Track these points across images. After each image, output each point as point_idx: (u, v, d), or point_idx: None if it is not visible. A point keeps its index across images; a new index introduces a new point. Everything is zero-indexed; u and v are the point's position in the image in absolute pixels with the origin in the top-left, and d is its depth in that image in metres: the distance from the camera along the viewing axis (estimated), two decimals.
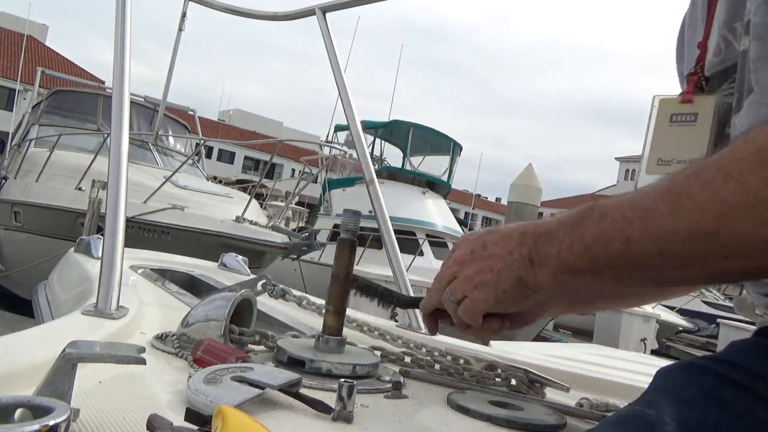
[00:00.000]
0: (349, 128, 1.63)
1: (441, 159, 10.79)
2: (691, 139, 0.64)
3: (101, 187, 4.31)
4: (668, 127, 0.67)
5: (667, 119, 0.67)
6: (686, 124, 0.65)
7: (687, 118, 0.65)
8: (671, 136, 0.67)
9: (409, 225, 8.40)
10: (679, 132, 0.66)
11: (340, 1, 1.53)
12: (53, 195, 5.23)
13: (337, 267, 0.74)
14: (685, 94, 0.65)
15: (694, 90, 0.65)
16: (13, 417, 0.35)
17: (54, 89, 7.56)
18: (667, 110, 0.67)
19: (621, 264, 0.50)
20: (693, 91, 0.65)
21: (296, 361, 0.70)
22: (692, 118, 0.64)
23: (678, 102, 0.66)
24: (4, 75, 25.52)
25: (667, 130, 0.67)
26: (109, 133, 0.96)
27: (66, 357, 0.45)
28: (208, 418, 0.47)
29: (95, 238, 1.50)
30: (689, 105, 0.65)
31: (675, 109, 0.66)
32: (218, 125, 35.45)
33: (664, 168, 0.66)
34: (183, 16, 6.07)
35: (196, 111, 8.89)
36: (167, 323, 0.85)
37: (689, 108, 0.65)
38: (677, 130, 0.66)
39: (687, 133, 0.65)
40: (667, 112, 0.67)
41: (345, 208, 0.77)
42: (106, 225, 0.83)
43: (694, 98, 0.64)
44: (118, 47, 0.99)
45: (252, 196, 5.37)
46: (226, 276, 1.61)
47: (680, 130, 0.65)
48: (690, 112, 0.65)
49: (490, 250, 0.61)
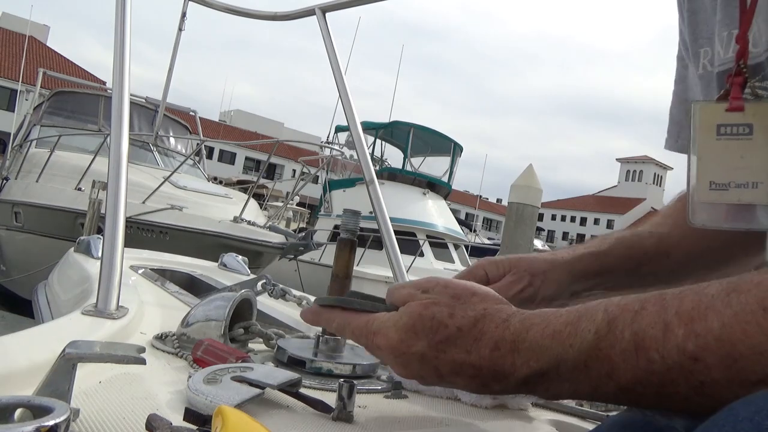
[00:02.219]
0: (349, 129, 1.63)
1: (441, 160, 10.79)
2: (750, 157, 0.52)
3: (101, 187, 4.32)
4: (716, 141, 0.54)
5: (713, 132, 0.54)
6: (740, 137, 0.53)
7: (740, 131, 0.53)
8: (722, 153, 0.54)
9: (410, 226, 8.40)
10: (732, 148, 0.53)
11: (340, 1, 1.53)
12: (53, 195, 5.24)
13: (337, 267, 0.74)
14: (733, 99, 0.53)
15: (741, 94, 0.53)
16: (13, 417, 0.35)
17: (55, 90, 7.57)
18: (712, 120, 0.54)
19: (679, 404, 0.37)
20: (740, 96, 0.53)
21: (296, 361, 0.70)
22: (746, 130, 0.52)
23: (724, 110, 0.54)
24: (5, 76, 25.55)
25: (716, 145, 0.54)
26: (108, 133, 0.96)
27: (66, 357, 0.45)
28: (208, 418, 0.47)
29: (95, 238, 1.50)
30: (740, 114, 0.53)
31: (722, 119, 0.54)
32: (219, 126, 35.49)
33: (720, 194, 0.54)
34: (183, 16, 6.08)
35: (197, 112, 8.90)
36: (167, 323, 0.85)
37: (740, 118, 0.53)
38: (729, 145, 0.53)
39: (743, 150, 0.52)
40: (711, 123, 0.54)
41: (345, 208, 0.77)
42: (106, 225, 0.83)
43: (745, 105, 0.53)
44: (117, 48, 0.99)
45: (250, 196, 5.37)
46: (226, 276, 1.61)
47: (733, 145, 0.53)
48: (742, 123, 0.53)
49: (447, 380, 0.47)
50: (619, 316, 0.39)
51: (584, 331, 0.40)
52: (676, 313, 0.36)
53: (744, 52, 0.53)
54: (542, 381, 0.43)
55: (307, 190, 12.48)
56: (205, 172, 7.44)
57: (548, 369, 0.42)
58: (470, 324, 0.46)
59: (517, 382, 0.44)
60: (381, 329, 0.50)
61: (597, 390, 0.40)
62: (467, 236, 13.52)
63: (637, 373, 0.37)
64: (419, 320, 0.48)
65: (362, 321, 0.52)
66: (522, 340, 0.43)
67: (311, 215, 14.04)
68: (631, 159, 61.86)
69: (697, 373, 0.35)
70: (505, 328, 0.45)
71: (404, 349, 0.48)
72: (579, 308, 0.43)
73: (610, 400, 0.42)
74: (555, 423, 0.68)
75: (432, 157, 10.78)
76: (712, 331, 0.34)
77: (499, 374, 0.44)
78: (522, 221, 6.58)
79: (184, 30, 6.12)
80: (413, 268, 6.10)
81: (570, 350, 0.41)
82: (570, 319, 0.42)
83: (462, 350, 0.45)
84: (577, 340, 0.41)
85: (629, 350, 0.38)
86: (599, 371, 0.39)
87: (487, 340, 0.45)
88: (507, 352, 0.44)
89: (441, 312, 0.48)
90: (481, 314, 0.47)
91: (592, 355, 0.39)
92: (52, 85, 11.37)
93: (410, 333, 0.48)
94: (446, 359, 0.46)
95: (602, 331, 0.39)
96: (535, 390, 0.44)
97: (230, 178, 20.28)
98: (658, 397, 0.38)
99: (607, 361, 0.39)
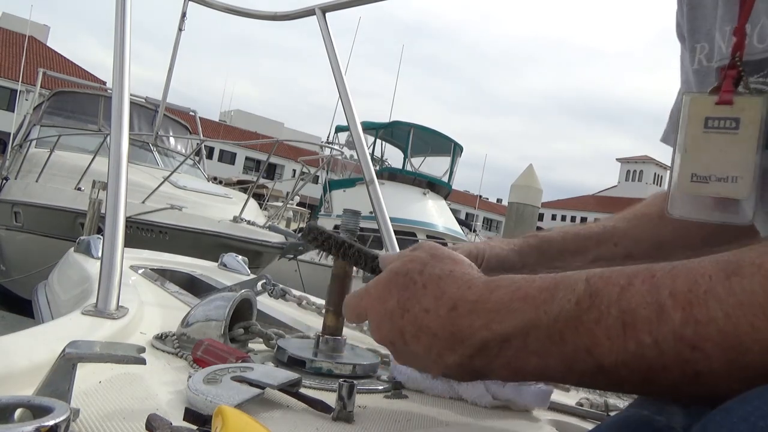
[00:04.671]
0: (349, 129, 1.63)
1: (441, 160, 10.80)
2: (733, 151, 0.51)
3: (101, 187, 4.32)
4: (703, 134, 0.54)
5: (701, 124, 0.54)
6: (726, 131, 0.52)
7: (726, 124, 0.52)
8: (708, 145, 0.53)
9: (410, 226, 8.40)
10: (718, 141, 0.52)
11: (340, 1, 1.53)
12: (53, 195, 5.24)
13: (337, 267, 0.74)
14: (723, 93, 0.52)
15: (733, 88, 0.52)
16: (13, 417, 0.35)
17: (55, 90, 7.58)
18: (701, 113, 0.54)
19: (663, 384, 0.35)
20: (732, 89, 0.52)
21: (296, 361, 0.70)
22: (733, 124, 0.52)
23: (714, 103, 0.53)
24: (5, 76, 25.55)
25: (702, 138, 0.54)
26: (108, 133, 0.96)
27: (66, 357, 0.45)
28: (208, 418, 0.47)
29: (95, 238, 1.50)
30: (728, 107, 0.52)
31: (710, 112, 0.53)
32: (219, 126, 35.49)
33: (700, 186, 0.53)
34: (183, 16, 6.08)
35: (197, 112, 8.90)
36: (167, 323, 0.85)
37: (728, 111, 0.52)
38: (715, 138, 0.53)
39: (727, 144, 0.52)
40: (700, 116, 0.54)
41: (345, 208, 0.77)
42: (106, 225, 0.83)
43: (735, 99, 0.52)
44: (117, 48, 0.99)
45: (249, 196, 5.37)
46: (226, 276, 1.61)
47: (719, 138, 0.53)
48: (730, 116, 0.52)
49: (410, 346, 0.45)
50: (603, 289, 0.36)
51: (562, 300, 0.37)
52: (671, 294, 0.34)
53: (740, 45, 0.52)
54: (503, 349, 0.39)
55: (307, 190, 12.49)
56: (205, 172, 7.44)
57: (513, 334, 0.39)
58: (434, 281, 0.44)
59: (473, 349, 0.40)
60: (366, 290, 0.50)
61: (571, 368, 0.37)
62: (467, 236, 13.51)
63: (624, 356, 0.35)
64: (395, 276, 0.47)
65: (356, 292, 0.53)
66: (485, 300, 0.41)
67: (311, 215, 14.04)
68: (631, 159, 61.86)
69: (694, 362, 0.33)
70: (467, 288, 0.43)
71: (379, 307, 0.48)
72: (555, 276, 0.40)
73: (584, 380, 0.38)
74: (555, 423, 0.68)
75: (432, 157, 10.80)
76: (715, 320, 0.32)
77: (456, 338, 0.41)
78: (522, 221, 6.59)
79: (184, 30, 6.11)
80: None
81: (544, 316, 0.38)
82: (545, 285, 0.39)
83: (422, 309, 0.44)
84: (553, 307, 0.37)
85: (616, 328, 0.35)
86: (577, 345, 0.36)
87: (447, 300, 0.43)
88: (466, 312, 0.41)
89: (414, 268, 0.47)
90: (447, 273, 0.45)
91: (571, 325, 0.36)
92: (52, 85, 11.37)
93: (386, 289, 0.47)
94: (409, 318, 0.44)
95: (584, 303, 0.36)
96: (492, 362, 0.40)
97: (230, 178, 20.26)
98: (643, 383, 0.35)
99: (589, 335, 0.36)
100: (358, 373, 0.71)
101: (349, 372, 0.70)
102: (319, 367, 0.69)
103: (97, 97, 7.22)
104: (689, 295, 0.33)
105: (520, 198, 6.53)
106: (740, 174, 0.51)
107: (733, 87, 0.52)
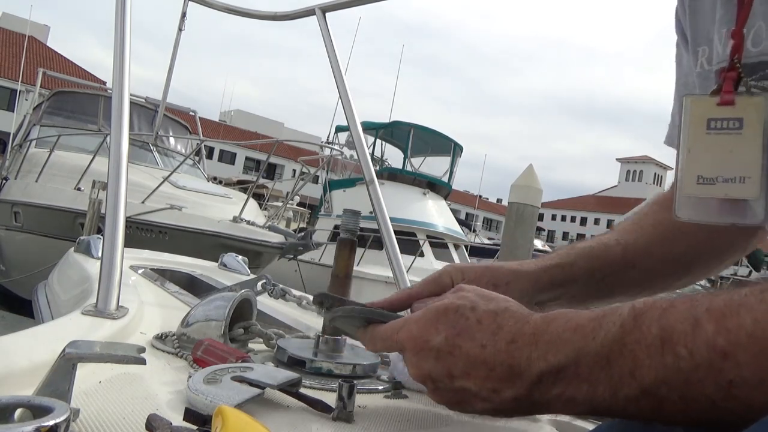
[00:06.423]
0: (349, 129, 1.63)
1: (441, 160, 10.80)
2: (739, 151, 0.51)
3: (101, 187, 4.32)
4: (706, 135, 0.54)
5: (704, 125, 0.53)
6: (729, 132, 0.52)
7: (730, 125, 0.52)
8: (712, 147, 0.53)
9: (410, 226, 8.39)
10: (722, 142, 0.53)
11: (340, 1, 1.53)
12: (53, 195, 5.24)
13: (337, 267, 0.74)
14: (724, 93, 0.53)
15: (734, 89, 0.53)
16: (13, 417, 0.35)
17: (55, 90, 7.58)
18: (703, 114, 0.54)
19: (706, 409, 0.35)
20: (733, 90, 0.53)
21: (296, 361, 0.70)
22: (736, 124, 0.52)
23: (715, 104, 0.53)
24: (5, 76, 25.55)
25: (706, 139, 0.53)
26: (108, 133, 0.96)
27: (66, 357, 0.45)
28: (208, 418, 0.47)
29: (95, 238, 1.50)
30: (730, 108, 0.52)
31: (712, 113, 0.53)
32: (219, 126, 35.50)
33: (707, 188, 0.53)
34: (183, 16, 6.08)
35: (197, 112, 8.90)
36: (167, 323, 0.85)
37: (731, 112, 0.52)
38: (719, 140, 0.53)
39: (732, 145, 0.52)
40: (702, 117, 0.54)
41: (345, 208, 0.77)
42: (106, 225, 0.83)
43: (736, 99, 0.52)
44: (117, 48, 0.99)
45: (249, 196, 5.38)
46: (226, 276, 1.61)
47: (723, 140, 0.53)
48: (732, 117, 0.52)
49: (457, 383, 0.45)
50: (646, 311, 0.38)
51: (609, 324, 0.39)
52: (707, 310, 0.35)
53: (739, 47, 0.53)
54: (558, 380, 0.41)
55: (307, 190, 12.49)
56: (205, 172, 7.44)
57: (566, 364, 0.40)
58: (490, 317, 0.46)
59: (531, 381, 0.42)
60: (405, 325, 0.50)
61: (617, 393, 0.38)
62: (467, 236, 13.52)
63: (663, 372, 0.36)
64: (443, 313, 0.47)
65: (389, 325, 0.52)
66: (542, 332, 0.42)
67: (311, 215, 14.04)
68: (631, 159, 61.94)
69: (726, 371, 0.33)
70: (525, 323, 0.44)
71: (422, 344, 0.47)
72: (604, 308, 0.42)
73: (629, 408, 0.38)
74: (555, 423, 0.68)
75: (432, 157, 10.78)
76: (744, 326, 0.33)
77: (513, 371, 0.42)
78: (522, 221, 6.58)
79: (184, 30, 6.12)
80: (413, 268, 6.10)
81: (592, 342, 0.39)
82: (594, 315, 0.41)
83: (478, 344, 0.44)
84: (600, 333, 0.39)
85: (655, 345, 0.36)
86: (621, 368, 0.37)
87: (505, 333, 0.44)
88: (524, 344, 0.42)
89: (464, 306, 0.47)
90: (503, 309, 0.46)
91: (615, 349, 0.38)
92: (52, 85, 11.38)
93: (431, 325, 0.47)
94: (460, 355, 0.44)
95: (628, 325, 0.38)
96: (548, 393, 0.41)
97: (230, 178, 20.29)
98: (683, 401, 0.36)
99: (631, 356, 0.37)
100: (358, 373, 0.71)
101: (349, 372, 0.70)
102: (319, 367, 0.69)
103: (97, 97, 7.22)
104: (724, 309, 0.35)
105: (520, 198, 6.51)
106: (748, 174, 0.51)
107: (734, 88, 0.53)
